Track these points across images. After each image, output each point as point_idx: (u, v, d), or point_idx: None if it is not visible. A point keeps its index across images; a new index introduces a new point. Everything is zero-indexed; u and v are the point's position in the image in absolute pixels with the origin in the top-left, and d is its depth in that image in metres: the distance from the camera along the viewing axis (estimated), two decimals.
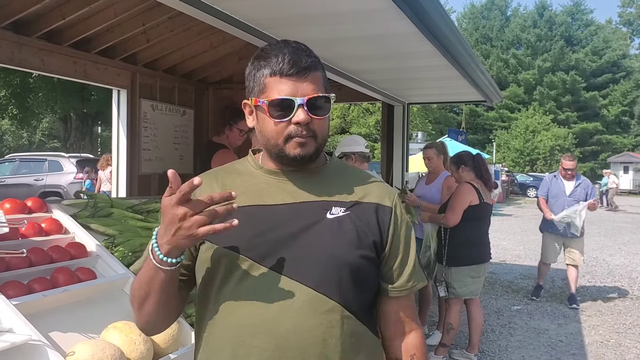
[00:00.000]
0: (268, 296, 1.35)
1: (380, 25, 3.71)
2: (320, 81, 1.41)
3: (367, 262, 1.40)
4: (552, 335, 5.81)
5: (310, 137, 1.39)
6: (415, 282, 1.49)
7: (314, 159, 1.43)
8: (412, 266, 1.48)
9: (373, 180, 1.53)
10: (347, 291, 1.37)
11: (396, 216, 1.47)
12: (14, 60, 5.39)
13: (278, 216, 1.40)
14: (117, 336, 1.95)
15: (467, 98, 7.67)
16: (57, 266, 2.21)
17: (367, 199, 1.45)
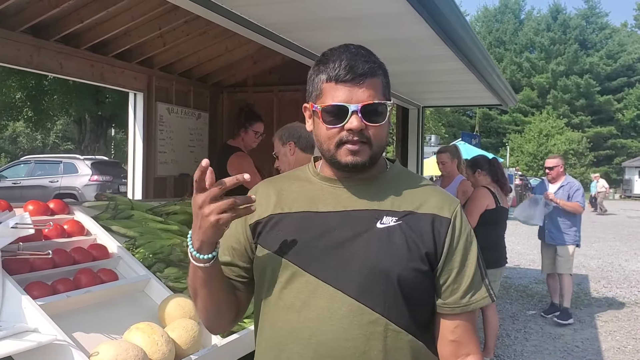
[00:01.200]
0: (310, 303, 1.35)
1: (397, 29, 3.72)
2: (378, 87, 1.37)
3: (417, 274, 1.34)
4: (568, 340, 5.77)
5: (364, 144, 1.36)
6: (472, 299, 1.38)
7: (367, 167, 1.40)
8: (468, 282, 1.38)
9: (432, 188, 1.48)
10: (393, 304, 1.33)
11: (454, 227, 1.39)
12: (33, 63, 5.46)
13: (327, 223, 1.39)
14: (139, 337, 1.96)
15: (482, 102, 7.65)
16: (80, 267, 2.24)
17: (423, 208, 1.40)
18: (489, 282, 1.43)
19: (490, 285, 1.43)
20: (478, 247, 1.42)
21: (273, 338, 1.40)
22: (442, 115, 40.15)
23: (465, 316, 1.39)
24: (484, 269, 1.43)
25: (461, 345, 1.39)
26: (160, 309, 2.26)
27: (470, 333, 1.40)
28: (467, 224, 1.42)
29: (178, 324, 2.15)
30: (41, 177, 15.35)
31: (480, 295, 1.40)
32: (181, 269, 2.66)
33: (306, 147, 3.01)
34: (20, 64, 5.51)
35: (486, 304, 1.41)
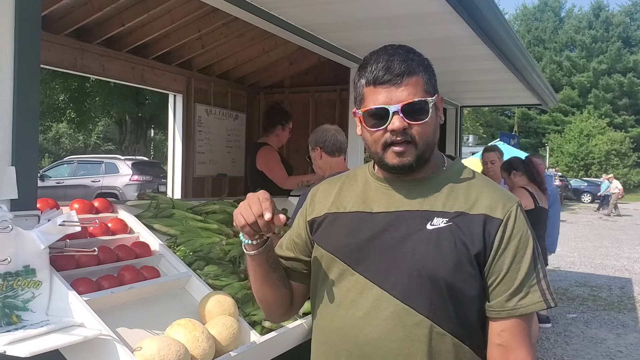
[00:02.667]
0: (358, 302, 1.38)
1: (435, 29, 3.70)
2: (419, 85, 1.37)
3: (465, 278, 1.33)
4: (611, 345, 5.64)
5: (409, 144, 1.36)
6: (520, 303, 1.33)
7: (415, 167, 1.40)
8: (517, 285, 1.33)
9: (490, 187, 1.44)
10: (439, 307, 1.33)
11: (505, 228, 1.35)
12: (77, 66, 5.60)
13: (378, 224, 1.41)
14: (181, 333, 2.00)
15: (521, 101, 7.54)
16: (123, 264, 2.29)
17: (475, 209, 1.37)
18: (547, 286, 1.37)
19: (548, 290, 1.37)
20: (535, 251, 1.37)
21: (324, 333, 1.46)
22: (480, 115, 39.63)
23: (513, 320, 1.34)
24: (541, 273, 1.37)
25: (509, 351, 1.34)
26: (201, 305, 2.30)
27: (519, 338, 1.34)
28: (523, 225, 1.37)
29: (218, 320, 2.18)
30: (83, 176, 15.74)
31: (531, 299, 1.34)
32: (220, 266, 2.71)
33: (333, 151, 3.05)
34: (65, 67, 5.67)
35: (539, 309, 1.35)
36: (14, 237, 1.81)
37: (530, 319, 1.38)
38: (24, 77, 1.91)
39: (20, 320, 1.84)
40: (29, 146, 1.96)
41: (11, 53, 1.87)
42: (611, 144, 46.21)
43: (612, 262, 11.25)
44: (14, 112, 1.89)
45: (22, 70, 1.90)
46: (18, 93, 1.89)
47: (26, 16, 1.90)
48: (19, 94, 1.90)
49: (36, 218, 1.96)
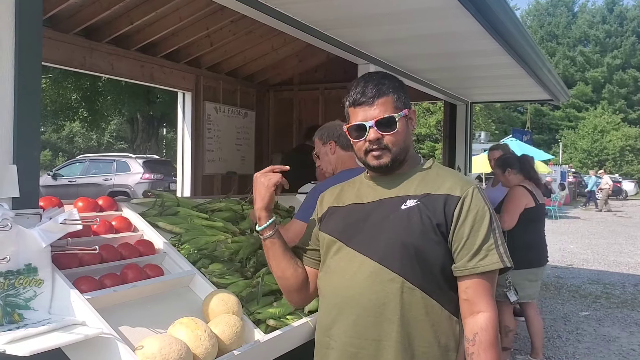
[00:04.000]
0: (347, 268, 1.76)
1: (443, 24, 3.66)
2: (388, 104, 1.75)
3: (429, 243, 1.66)
4: (624, 343, 5.56)
5: (384, 149, 1.75)
6: (479, 263, 1.62)
7: (391, 167, 1.77)
8: (475, 248, 1.63)
9: (454, 175, 1.79)
10: (407, 266, 1.66)
11: (463, 204, 1.67)
12: (86, 65, 5.63)
13: (367, 210, 1.80)
14: (183, 332, 1.99)
15: (532, 97, 7.46)
16: (126, 262, 2.28)
17: (439, 190, 1.71)
18: (505, 251, 1.66)
19: (505, 254, 1.65)
20: (493, 223, 1.67)
21: (323, 294, 1.87)
22: (492, 112, 39.36)
23: (475, 279, 1.63)
24: (499, 240, 1.66)
25: (473, 304, 1.63)
26: (204, 304, 2.29)
27: (481, 293, 1.63)
28: (479, 202, 1.68)
29: (221, 319, 2.17)
30: (95, 175, 15.81)
31: (490, 260, 1.63)
32: (225, 265, 2.69)
33: (346, 145, 3.00)
34: (74, 66, 5.69)
35: (496, 267, 1.63)
36: (15, 236, 1.81)
37: (491, 277, 1.65)
38: (25, 75, 1.90)
39: (22, 318, 1.84)
40: (31, 144, 1.95)
41: (12, 50, 1.87)
42: (626, 140, 45.72)
43: (626, 259, 11.12)
44: (15, 110, 1.88)
45: (23, 68, 1.89)
46: (19, 91, 1.89)
47: (27, 12, 1.89)
48: (20, 91, 1.89)
49: (38, 216, 1.96)
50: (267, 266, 2.89)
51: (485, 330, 1.60)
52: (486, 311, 1.61)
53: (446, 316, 1.69)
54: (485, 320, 1.61)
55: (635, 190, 37.46)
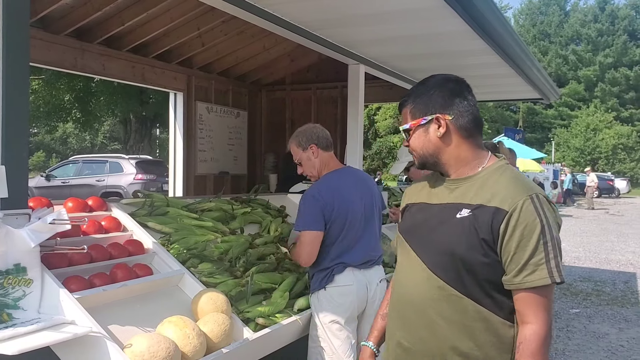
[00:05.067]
0: (406, 267, 1.87)
1: (430, 24, 3.69)
2: (406, 115, 1.84)
3: (476, 256, 1.66)
4: (613, 339, 5.61)
5: (414, 153, 1.85)
6: (526, 279, 1.59)
7: (427, 167, 1.86)
8: (522, 264, 1.60)
9: (512, 182, 1.70)
10: (455, 276, 1.70)
11: (510, 219, 1.62)
12: (77, 66, 5.62)
13: (430, 213, 1.82)
14: (172, 330, 2.01)
15: (522, 96, 7.48)
16: (116, 262, 2.30)
17: (492, 202, 1.67)
18: (556, 265, 1.60)
19: (556, 269, 1.60)
20: (544, 236, 1.61)
21: (393, 289, 1.97)
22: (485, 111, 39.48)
23: (523, 292, 1.61)
24: (551, 254, 1.60)
25: (522, 315, 1.63)
26: (193, 303, 2.31)
27: (530, 306, 1.61)
28: (529, 216, 1.61)
29: (210, 317, 2.19)
30: (88, 176, 15.77)
31: (538, 275, 1.59)
32: (215, 264, 2.72)
33: (327, 146, 3.01)
34: (66, 67, 5.68)
35: (543, 283, 1.58)
36: (4, 236, 1.82)
37: (543, 291, 1.61)
38: (13, 76, 1.92)
39: (11, 318, 1.85)
40: (19, 145, 1.97)
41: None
42: (618, 138, 45.93)
43: (617, 257, 11.19)
44: (3, 112, 1.90)
45: (10, 69, 1.90)
46: (7, 92, 1.90)
47: (14, 13, 1.90)
48: (8, 93, 1.90)
49: (27, 217, 1.97)
50: (257, 265, 2.93)
51: (529, 341, 1.60)
52: (534, 323, 1.60)
53: (499, 322, 1.68)
54: (530, 332, 1.60)
55: (627, 188, 37.63)
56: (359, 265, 2.83)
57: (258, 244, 3.16)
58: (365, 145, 35.03)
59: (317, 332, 2.74)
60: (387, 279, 3.13)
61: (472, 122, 1.78)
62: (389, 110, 35.08)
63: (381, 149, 34.56)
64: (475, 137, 1.80)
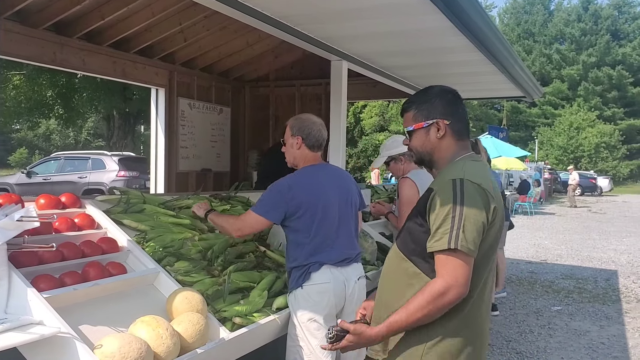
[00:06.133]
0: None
1: (412, 20, 3.66)
2: (408, 118, 2.11)
3: (416, 225, 1.99)
4: (594, 337, 5.63)
5: (412, 151, 2.13)
6: (433, 244, 1.87)
7: (422, 164, 2.14)
8: (433, 232, 1.89)
9: (446, 171, 2.01)
10: (406, 243, 2.02)
11: (434, 197, 1.93)
12: (56, 60, 5.53)
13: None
14: (144, 330, 1.96)
15: (506, 94, 7.50)
16: (88, 260, 2.25)
17: (432, 184, 2.02)
18: (457, 236, 1.84)
19: (456, 239, 1.83)
20: (455, 211, 1.86)
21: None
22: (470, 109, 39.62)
23: (435, 254, 1.88)
24: (455, 226, 1.85)
25: (436, 273, 1.88)
26: (168, 302, 2.26)
27: (438, 266, 1.87)
28: (446, 194, 1.89)
29: (184, 317, 2.15)
30: (71, 173, 15.58)
31: (441, 242, 1.85)
32: (191, 262, 2.67)
33: (314, 145, 2.95)
34: (44, 61, 5.59)
35: (442, 247, 1.85)
36: None
37: (450, 254, 1.84)
38: None
39: None
40: None
41: None
42: (601, 137, 46.34)
43: (599, 255, 11.26)
44: None
45: None
46: None
47: None
48: None
49: None
50: (235, 264, 2.88)
51: (430, 286, 1.86)
52: (438, 278, 1.86)
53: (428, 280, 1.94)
54: (432, 282, 1.86)
55: (609, 187, 38.00)
56: (336, 263, 2.79)
57: (237, 242, 3.11)
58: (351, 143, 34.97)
59: (295, 331, 2.70)
60: (366, 276, 3.10)
61: (464, 127, 2.09)
62: (375, 108, 35.08)
63: (367, 146, 34.54)
64: (464, 140, 2.09)
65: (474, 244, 1.84)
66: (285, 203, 2.74)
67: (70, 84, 19.36)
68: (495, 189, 1.97)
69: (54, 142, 45.52)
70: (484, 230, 1.87)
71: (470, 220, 1.84)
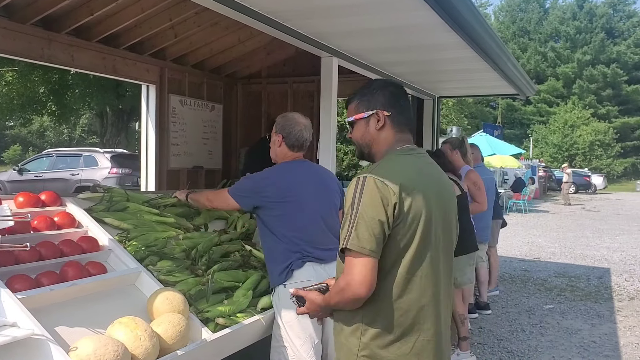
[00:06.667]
0: None
1: (402, 16, 3.62)
2: (350, 110, 2.10)
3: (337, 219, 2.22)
4: (585, 335, 5.61)
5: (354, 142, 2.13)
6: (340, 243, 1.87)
7: (362, 157, 2.13)
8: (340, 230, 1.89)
9: (367, 167, 2.02)
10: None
11: (345, 193, 1.97)
12: (44, 56, 5.45)
13: None
14: (122, 332, 1.92)
15: (498, 91, 7.47)
16: (66, 260, 2.20)
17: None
18: (348, 236, 1.82)
19: (347, 238, 1.82)
20: (353, 209, 1.84)
21: None
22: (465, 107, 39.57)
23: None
24: (350, 226, 1.83)
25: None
26: (149, 302, 2.22)
27: (344, 263, 1.86)
28: (349, 192, 1.89)
29: (164, 318, 2.10)
30: (62, 170, 15.47)
31: (340, 242, 1.85)
32: (175, 262, 2.62)
33: (294, 145, 2.93)
34: (32, 57, 5.51)
35: (340, 246, 1.85)
36: None
37: (347, 255, 1.83)
38: None
39: None
40: None
41: None
42: (595, 135, 46.46)
43: (592, 252, 11.26)
44: None
45: None
46: None
47: None
48: None
49: None
50: (219, 263, 2.83)
51: (333, 287, 1.92)
52: (342, 274, 1.86)
53: None
54: (339, 278, 1.89)
55: (603, 185, 38.09)
56: (319, 260, 2.75)
57: (223, 240, 3.07)
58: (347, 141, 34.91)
59: (279, 332, 2.65)
60: None
61: (404, 120, 2.05)
62: None
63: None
64: (404, 132, 2.05)
65: (368, 243, 1.78)
66: (256, 193, 2.75)
67: (62, 80, 19.22)
68: (409, 185, 1.86)
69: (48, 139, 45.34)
70: (385, 228, 1.80)
71: (364, 219, 1.81)
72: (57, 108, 20.89)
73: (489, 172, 6.30)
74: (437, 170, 2.09)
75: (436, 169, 2.09)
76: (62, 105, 20.53)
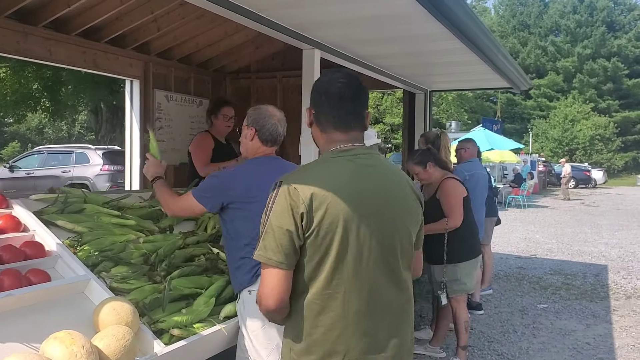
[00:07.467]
0: None
1: (384, 5, 3.44)
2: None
3: None
4: (579, 337, 5.44)
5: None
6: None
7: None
8: None
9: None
10: None
11: None
12: (20, 50, 5.27)
13: None
14: (57, 347, 1.75)
15: (492, 84, 7.28)
16: (3, 268, 2.03)
17: None
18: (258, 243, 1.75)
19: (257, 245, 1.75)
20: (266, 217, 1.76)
21: None
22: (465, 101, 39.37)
23: None
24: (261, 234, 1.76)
25: None
26: (95, 314, 2.05)
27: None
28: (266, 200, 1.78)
29: (108, 332, 1.93)
30: (54, 167, 15.29)
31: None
32: (131, 267, 2.45)
33: (267, 140, 2.75)
34: (7, 51, 5.32)
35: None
36: None
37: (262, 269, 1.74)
38: None
39: None
40: None
41: None
42: (595, 129, 46.24)
43: (590, 249, 11.08)
44: None
45: None
46: None
47: None
48: None
49: None
50: (179, 269, 2.65)
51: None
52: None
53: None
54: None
55: (603, 179, 37.89)
56: None
57: (189, 243, 2.90)
58: None
59: (243, 342, 2.47)
60: None
61: (328, 120, 1.86)
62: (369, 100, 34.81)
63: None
64: (329, 133, 1.86)
65: (275, 254, 1.68)
66: (222, 191, 2.56)
67: (56, 76, 19.05)
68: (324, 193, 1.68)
69: (47, 136, 45.19)
70: (294, 237, 1.67)
71: (272, 228, 1.71)
72: (51, 104, 20.71)
73: (481, 168, 6.10)
74: (380, 173, 1.83)
75: (379, 172, 1.83)
76: (57, 101, 20.36)
